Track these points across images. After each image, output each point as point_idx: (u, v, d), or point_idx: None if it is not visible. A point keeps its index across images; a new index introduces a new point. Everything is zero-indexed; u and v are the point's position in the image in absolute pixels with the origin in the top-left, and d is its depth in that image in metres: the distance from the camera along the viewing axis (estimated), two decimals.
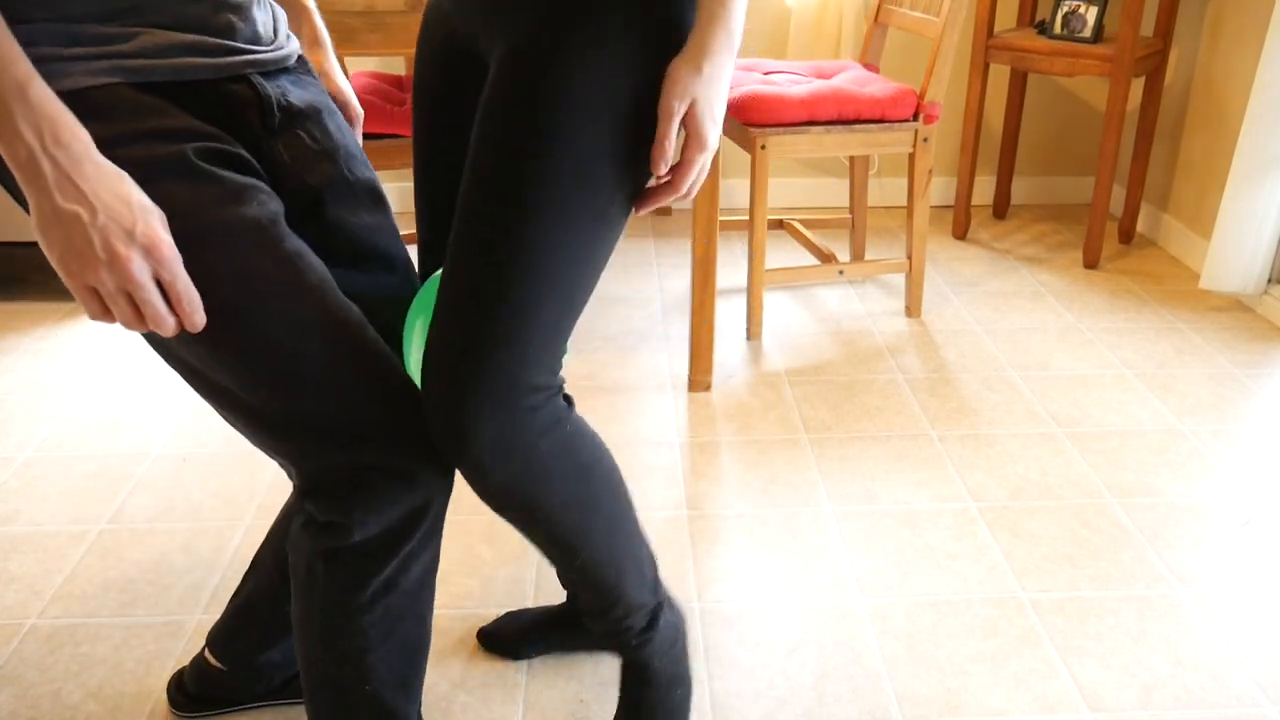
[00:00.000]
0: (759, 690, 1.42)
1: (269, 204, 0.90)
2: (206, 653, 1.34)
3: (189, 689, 1.36)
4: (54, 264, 0.78)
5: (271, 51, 0.97)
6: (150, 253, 0.79)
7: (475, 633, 1.52)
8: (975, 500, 1.83)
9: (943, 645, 1.50)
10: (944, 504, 1.82)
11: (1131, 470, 1.92)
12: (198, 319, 0.83)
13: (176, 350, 0.92)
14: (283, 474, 1.90)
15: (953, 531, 1.75)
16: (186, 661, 1.47)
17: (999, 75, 3.16)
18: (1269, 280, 2.54)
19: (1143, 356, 2.35)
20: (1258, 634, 1.52)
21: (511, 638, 1.47)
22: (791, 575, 1.65)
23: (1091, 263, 2.83)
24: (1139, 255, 2.93)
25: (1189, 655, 1.48)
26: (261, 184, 0.91)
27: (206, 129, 0.89)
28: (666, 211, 3.25)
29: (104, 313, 0.81)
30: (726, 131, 2.46)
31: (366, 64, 3.00)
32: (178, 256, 0.81)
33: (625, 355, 2.36)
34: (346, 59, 2.79)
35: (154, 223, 0.80)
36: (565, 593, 1.50)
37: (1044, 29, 2.82)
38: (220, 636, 1.31)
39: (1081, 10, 2.72)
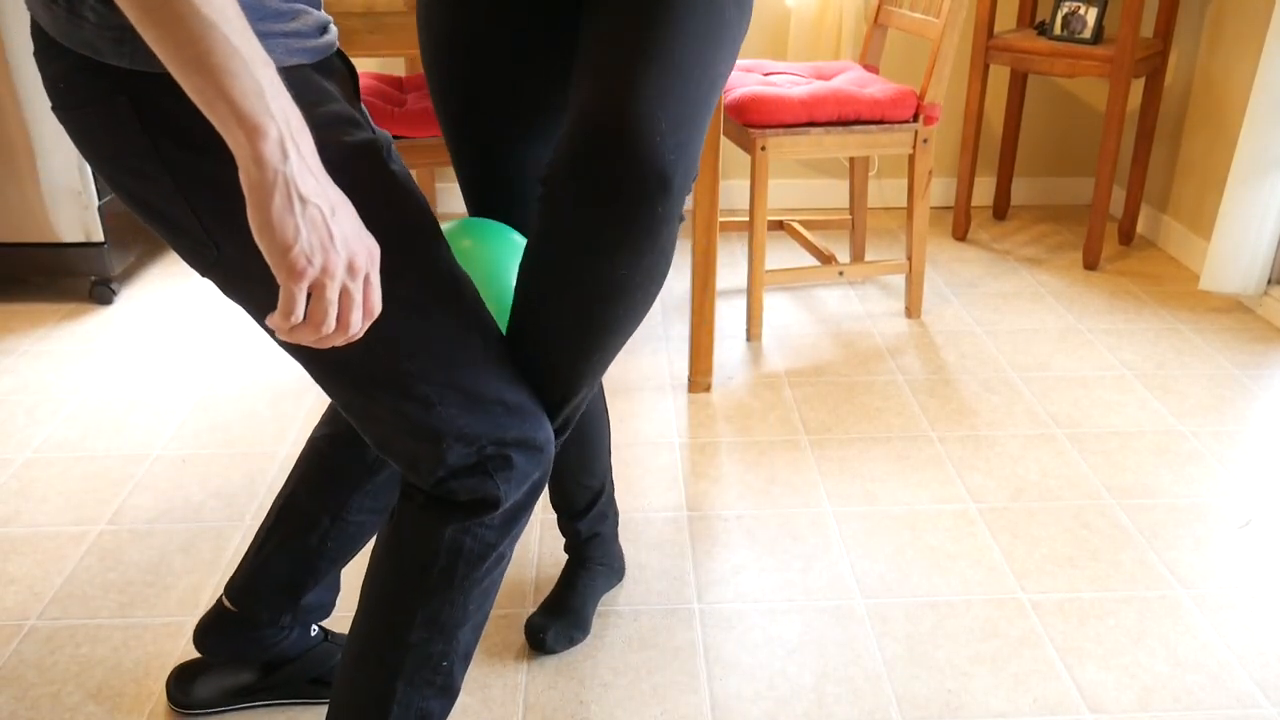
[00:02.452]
0: (759, 691, 1.42)
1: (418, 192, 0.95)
2: (227, 602, 1.31)
3: (194, 672, 1.36)
4: (283, 256, 0.73)
5: None
6: (369, 255, 0.78)
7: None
8: (975, 501, 1.83)
9: (943, 646, 1.50)
10: (944, 505, 1.82)
11: (1131, 471, 1.92)
12: (375, 315, 0.83)
13: (341, 353, 0.91)
14: (283, 475, 1.90)
15: (953, 532, 1.75)
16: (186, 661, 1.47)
17: (999, 76, 3.16)
18: (1269, 281, 2.54)
19: (1143, 357, 2.35)
20: (1258, 634, 1.52)
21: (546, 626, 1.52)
22: (791, 576, 1.65)
23: (1091, 264, 2.83)
24: (1139, 256, 2.93)
25: (1189, 656, 1.48)
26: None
27: (354, 112, 0.92)
28: None
29: (302, 309, 0.76)
30: (727, 133, 2.46)
31: (367, 65, 3.00)
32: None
33: (625, 356, 2.36)
34: None
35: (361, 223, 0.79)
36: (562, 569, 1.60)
37: (1044, 30, 2.82)
38: (259, 588, 1.28)
39: (1081, 11, 2.72)
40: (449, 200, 3.25)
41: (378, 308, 0.80)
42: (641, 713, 1.39)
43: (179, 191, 0.85)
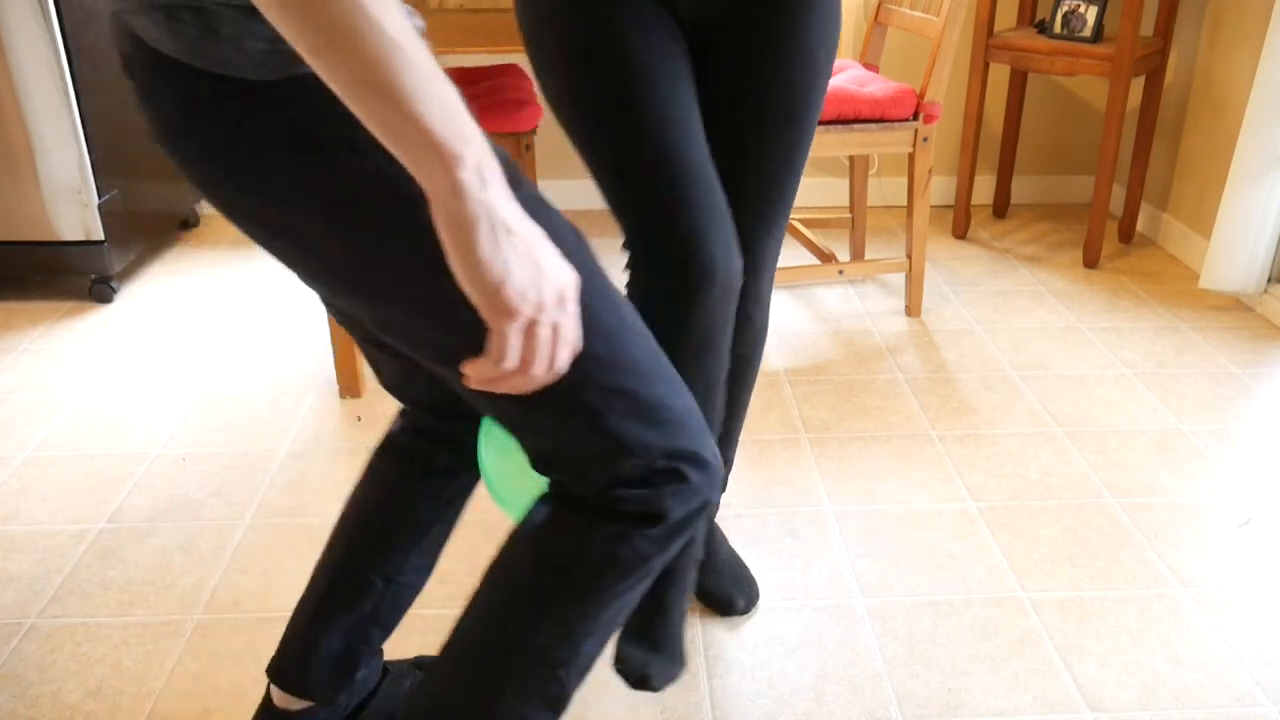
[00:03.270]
0: (759, 690, 1.42)
1: None
2: (280, 695, 1.21)
3: None
4: (495, 296, 0.66)
5: None
6: (575, 281, 0.73)
7: None
8: (975, 500, 1.83)
9: (943, 645, 1.50)
10: (944, 504, 1.82)
11: (1131, 470, 1.92)
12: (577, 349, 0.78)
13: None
14: (283, 474, 1.90)
15: (953, 531, 1.75)
16: (186, 661, 1.47)
17: (999, 75, 3.16)
18: (1269, 279, 2.54)
19: (1142, 356, 2.35)
20: (1258, 634, 1.52)
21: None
22: (791, 575, 1.65)
23: (1091, 262, 2.83)
24: (1139, 255, 2.93)
25: (1189, 655, 1.48)
26: None
27: None
28: None
29: (518, 353, 0.70)
30: None
31: None
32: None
33: None
34: None
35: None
36: None
37: (1044, 29, 2.82)
38: (315, 668, 1.19)
39: (1081, 10, 2.72)
40: None
41: (580, 340, 0.74)
42: (642, 711, 1.39)
43: (304, 199, 0.79)
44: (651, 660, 1.37)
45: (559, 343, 0.71)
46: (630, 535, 0.93)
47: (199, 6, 0.75)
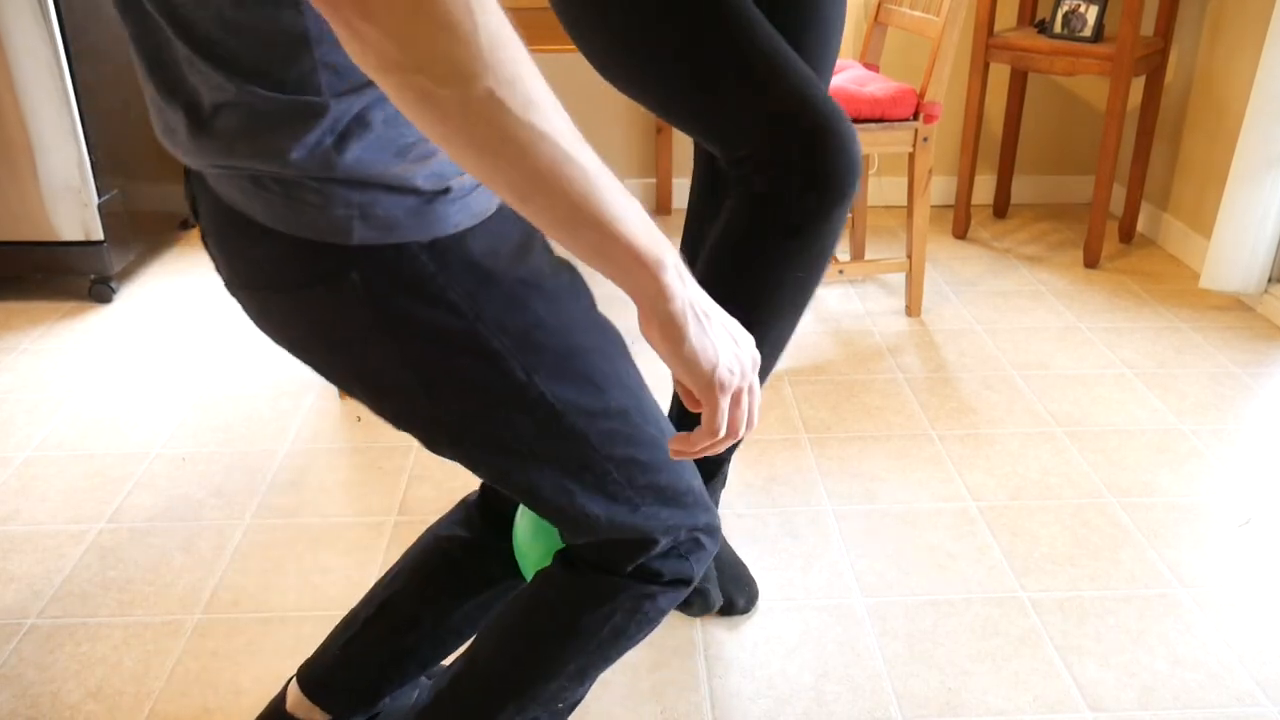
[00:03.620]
0: (759, 690, 1.42)
1: None
2: (295, 697, 1.21)
3: None
4: (710, 378, 0.72)
5: None
6: (752, 342, 0.78)
7: None
8: (975, 500, 1.83)
9: (942, 645, 1.50)
10: (944, 503, 1.82)
11: (1131, 469, 1.92)
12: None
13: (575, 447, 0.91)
14: (283, 473, 1.90)
15: (953, 531, 1.75)
16: (186, 661, 1.47)
17: (999, 75, 3.16)
18: (1269, 279, 2.54)
19: (1143, 356, 2.35)
20: (1258, 634, 1.52)
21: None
22: (791, 575, 1.64)
23: (1092, 262, 2.83)
24: (1139, 254, 2.93)
25: (1188, 655, 1.48)
26: None
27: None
28: (666, 210, 3.25)
29: (728, 421, 0.76)
30: None
31: None
32: None
33: None
34: None
35: None
36: None
37: (1044, 28, 2.82)
38: (336, 686, 1.20)
39: (1082, 9, 2.72)
40: None
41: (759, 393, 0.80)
42: (641, 711, 1.39)
43: (410, 361, 0.82)
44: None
45: (755, 400, 0.77)
46: (657, 596, 1.01)
47: (285, 178, 0.76)
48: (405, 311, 0.80)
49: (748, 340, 0.76)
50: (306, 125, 0.73)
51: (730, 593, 1.56)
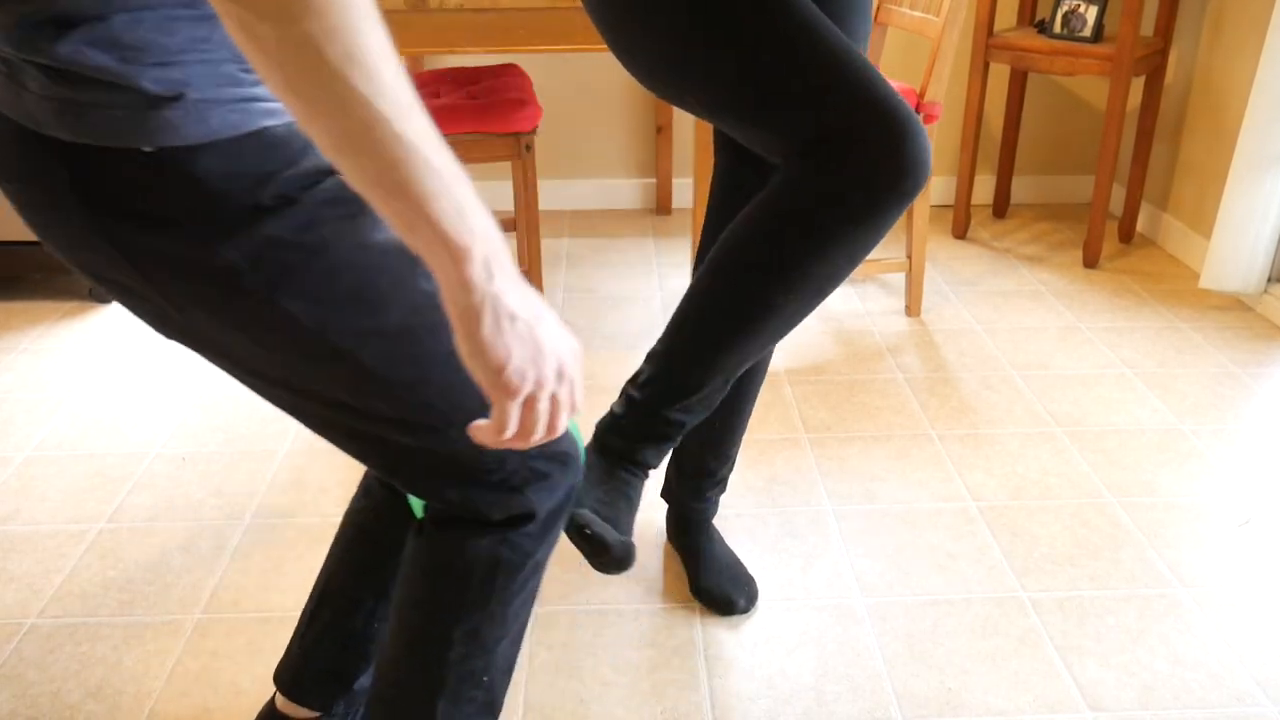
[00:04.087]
0: (759, 690, 1.42)
1: None
2: (282, 701, 1.24)
3: None
4: (497, 376, 0.70)
5: None
6: (574, 353, 0.77)
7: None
8: (975, 500, 1.83)
9: (942, 644, 1.50)
10: (944, 503, 1.82)
11: (1131, 469, 1.92)
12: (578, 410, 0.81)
13: (376, 404, 0.89)
14: (282, 473, 1.90)
15: (953, 531, 1.75)
16: (186, 661, 1.47)
17: (999, 75, 3.16)
18: (1269, 279, 2.54)
19: (1143, 356, 2.35)
20: (1258, 633, 1.52)
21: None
22: (791, 575, 1.65)
23: (1091, 262, 2.83)
24: (1139, 254, 2.93)
25: (1188, 654, 1.48)
26: None
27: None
28: (667, 210, 3.25)
29: (517, 424, 0.75)
30: None
31: None
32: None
33: (625, 355, 2.36)
34: None
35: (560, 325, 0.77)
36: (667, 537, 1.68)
37: (1044, 28, 2.82)
38: (306, 680, 1.23)
39: (1081, 10, 2.72)
40: None
41: (580, 403, 0.78)
42: (642, 711, 1.39)
43: (136, 269, 0.81)
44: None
45: (557, 411, 0.76)
46: (509, 537, 0.98)
47: (7, 57, 0.75)
48: (120, 223, 0.78)
49: (561, 351, 0.74)
50: (27, 4, 0.72)
51: (730, 592, 1.56)
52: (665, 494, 1.66)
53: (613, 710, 1.39)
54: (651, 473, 1.35)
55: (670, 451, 1.32)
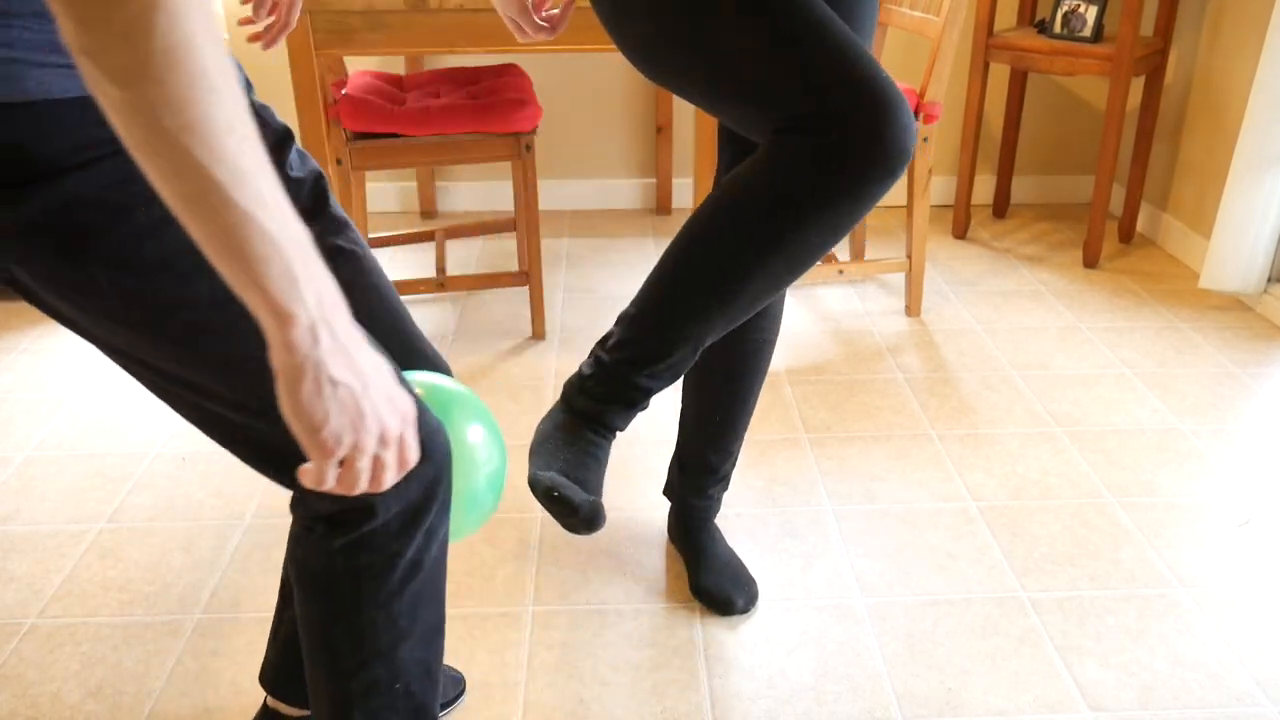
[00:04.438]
0: (759, 690, 1.42)
1: None
2: (272, 702, 1.25)
3: None
4: (312, 436, 0.72)
5: None
6: (404, 418, 0.77)
7: (481, 627, 1.52)
8: (975, 500, 1.83)
9: (942, 644, 1.50)
10: (944, 503, 1.82)
11: (1131, 469, 1.92)
12: (412, 464, 0.81)
13: (182, 376, 0.89)
14: None
15: (953, 531, 1.75)
16: (186, 661, 1.47)
17: (999, 75, 3.16)
18: (1269, 279, 2.54)
19: (1143, 355, 2.35)
20: (1257, 633, 1.52)
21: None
22: (791, 575, 1.65)
23: (1091, 262, 2.83)
24: (1139, 254, 2.93)
25: (1188, 654, 1.48)
26: None
27: None
28: (667, 210, 3.25)
29: (334, 480, 0.76)
30: None
31: (367, 64, 3.00)
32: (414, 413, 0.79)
33: None
34: (346, 59, 2.79)
35: (400, 384, 0.77)
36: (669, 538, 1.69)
37: (1044, 28, 2.82)
38: (285, 677, 1.24)
39: (1081, 9, 2.72)
40: (449, 200, 3.25)
41: (412, 461, 0.79)
42: (642, 711, 1.39)
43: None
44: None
45: (380, 471, 0.76)
46: (363, 537, 0.95)
47: None
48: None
49: (385, 418, 0.74)
50: None
51: (729, 592, 1.56)
52: (667, 491, 1.66)
53: (613, 710, 1.39)
54: (620, 434, 1.35)
55: (636, 415, 1.31)
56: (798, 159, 1.10)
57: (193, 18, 0.61)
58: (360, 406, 0.72)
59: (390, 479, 0.78)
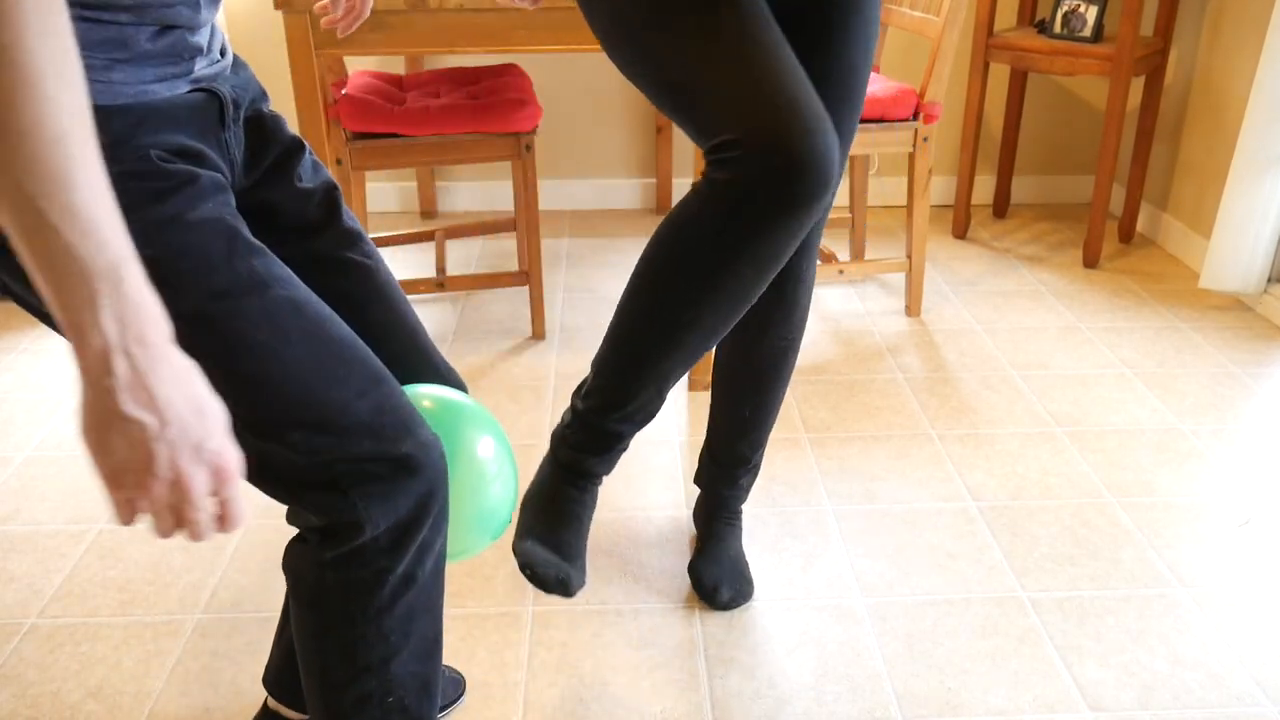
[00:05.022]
0: (759, 690, 1.42)
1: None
2: (273, 703, 1.25)
3: None
4: (100, 471, 0.68)
5: None
6: (216, 473, 0.71)
7: (481, 627, 1.52)
8: (975, 500, 1.83)
9: (942, 644, 1.50)
10: (944, 503, 1.82)
11: (1131, 469, 1.92)
12: (238, 526, 0.76)
13: None
14: None
15: (953, 531, 1.75)
16: (186, 661, 1.47)
17: (999, 75, 3.16)
18: (1269, 279, 2.54)
19: (1143, 355, 2.35)
20: (1257, 633, 1.52)
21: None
22: (791, 575, 1.65)
23: (1091, 262, 2.83)
24: (1139, 254, 2.93)
25: (1188, 654, 1.48)
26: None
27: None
28: (667, 210, 3.25)
29: (133, 520, 0.71)
30: None
31: (366, 64, 3.00)
32: (239, 472, 0.73)
33: None
34: (346, 59, 2.79)
35: (222, 434, 0.71)
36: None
37: (1044, 28, 2.82)
38: (288, 681, 1.23)
39: (1081, 9, 2.72)
40: (449, 199, 3.25)
41: (240, 519, 0.74)
42: (641, 711, 1.39)
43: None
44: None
45: (187, 521, 0.71)
46: (352, 553, 0.93)
47: None
48: None
49: (184, 467, 0.69)
50: None
51: (718, 581, 1.58)
52: (698, 480, 1.67)
53: (613, 710, 1.39)
54: (606, 479, 1.38)
55: (618, 458, 1.33)
56: (713, 195, 1.12)
57: (14, 23, 0.59)
58: (151, 448, 0.67)
59: (203, 534, 0.73)
